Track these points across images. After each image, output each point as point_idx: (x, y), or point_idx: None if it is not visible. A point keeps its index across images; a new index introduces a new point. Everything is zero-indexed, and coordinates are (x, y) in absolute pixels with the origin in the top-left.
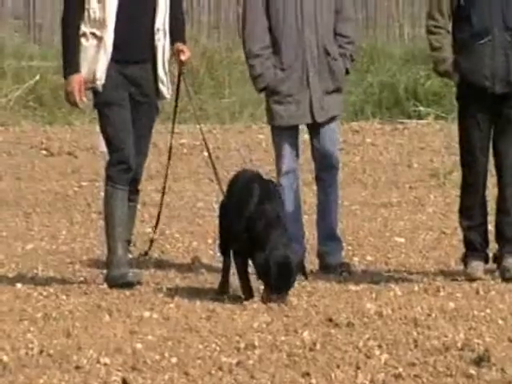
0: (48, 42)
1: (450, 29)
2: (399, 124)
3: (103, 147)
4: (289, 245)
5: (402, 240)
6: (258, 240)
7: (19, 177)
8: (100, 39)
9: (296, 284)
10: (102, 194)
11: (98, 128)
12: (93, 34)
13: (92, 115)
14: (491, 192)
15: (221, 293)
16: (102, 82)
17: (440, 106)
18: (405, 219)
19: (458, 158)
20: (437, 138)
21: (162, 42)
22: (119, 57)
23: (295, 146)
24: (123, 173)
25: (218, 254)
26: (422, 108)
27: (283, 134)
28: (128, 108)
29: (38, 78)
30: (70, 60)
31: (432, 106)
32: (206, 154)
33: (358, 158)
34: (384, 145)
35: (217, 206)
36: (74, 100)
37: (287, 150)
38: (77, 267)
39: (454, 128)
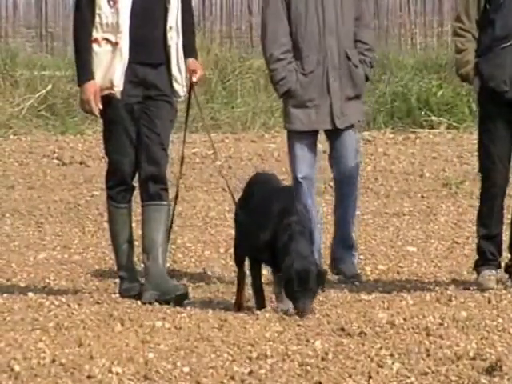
0: (60, 51)
1: (475, 33)
2: (411, 133)
3: None
4: (311, 256)
5: (414, 249)
6: (282, 252)
7: (31, 186)
8: (115, 45)
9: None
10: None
11: None
12: (106, 39)
13: None
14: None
15: (238, 304)
16: (120, 88)
17: (452, 115)
18: (417, 228)
19: (470, 168)
20: (449, 147)
21: (175, 40)
22: (133, 59)
23: (312, 153)
24: (123, 193)
25: (231, 264)
26: (434, 117)
27: (301, 139)
28: (132, 125)
29: (50, 87)
30: (84, 67)
31: (444, 116)
32: (218, 163)
33: (370, 167)
34: (396, 154)
35: (229, 216)
36: (90, 108)
37: (304, 155)
38: (89, 276)
39: (466, 137)
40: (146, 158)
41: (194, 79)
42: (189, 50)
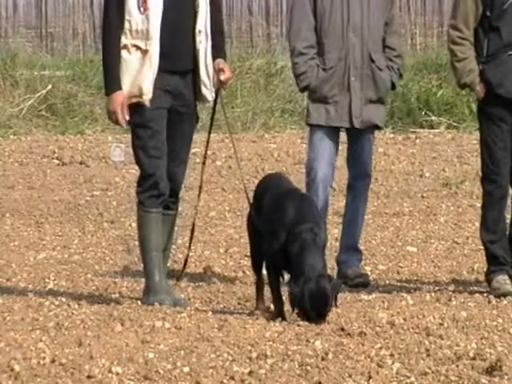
0: (60, 51)
1: (472, 40)
2: (411, 133)
3: (115, 157)
4: (324, 272)
5: (414, 249)
6: (293, 263)
7: (31, 186)
8: (145, 52)
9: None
10: (115, 203)
11: (110, 137)
12: (135, 46)
13: (104, 125)
14: None
15: (259, 309)
16: (149, 96)
17: (452, 115)
18: (417, 229)
19: (470, 168)
20: (449, 147)
21: (204, 44)
22: (162, 67)
23: (332, 152)
24: (155, 199)
25: (231, 264)
26: (433, 117)
27: (321, 135)
28: (164, 130)
29: (50, 87)
30: (112, 76)
31: (444, 116)
32: (218, 163)
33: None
34: (396, 154)
35: (229, 216)
36: (117, 119)
37: (323, 153)
38: (89, 276)
39: (466, 137)
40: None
41: (222, 78)
42: (217, 51)
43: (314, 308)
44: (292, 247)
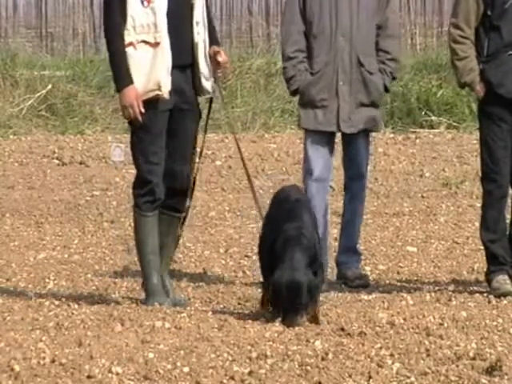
0: (60, 51)
1: (473, 39)
2: (411, 133)
3: (115, 157)
4: (299, 267)
5: (414, 249)
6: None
7: (31, 186)
8: (156, 45)
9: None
10: (115, 203)
11: (110, 137)
12: (143, 41)
13: (104, 124)
14: None
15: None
16: (169, 88)
17: (452, 115)
18: (417, 229)
19: (470, 168)
20: (449, 147)
21: (202, 36)
22: None
23: (327, 154)
24: (150, 204)
25: (231, 264)
26: (433, 117)
27: (314, 138)
28: (164, 132)
29: (50, 87)
30: (121, 72)
31: (444, 116)
32: (218, 163)
33: (370, 167)
34: (396, 154)
35: (229, 216)
36: (134, 113)
37: (317, 156)
38: (89, 276)
39: (466, 137)
40: (167, 172)
41: (220, 59)
42: (211, 39)
43: (285, 298)
44: (277, 243)
